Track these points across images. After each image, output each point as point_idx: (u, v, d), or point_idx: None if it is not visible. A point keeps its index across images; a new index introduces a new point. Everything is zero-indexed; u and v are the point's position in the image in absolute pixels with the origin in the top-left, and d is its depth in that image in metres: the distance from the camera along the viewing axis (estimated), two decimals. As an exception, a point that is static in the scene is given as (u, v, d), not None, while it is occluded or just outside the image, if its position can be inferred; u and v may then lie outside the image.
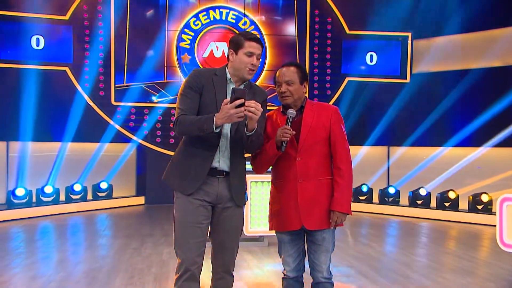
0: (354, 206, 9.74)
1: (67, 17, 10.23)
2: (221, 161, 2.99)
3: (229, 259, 3.09)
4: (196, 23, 10.84)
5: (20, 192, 8.74)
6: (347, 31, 11.08)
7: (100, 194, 9.97)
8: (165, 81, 10.62)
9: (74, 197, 9.53)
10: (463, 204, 8.81)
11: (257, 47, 2.99)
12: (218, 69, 3.08)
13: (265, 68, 10.93)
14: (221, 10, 10.93)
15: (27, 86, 9.87)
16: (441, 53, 10.50)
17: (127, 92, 10.57)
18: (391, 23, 10.77)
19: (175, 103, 3.02)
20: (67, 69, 10.24)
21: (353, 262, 5.70)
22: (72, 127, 10.16)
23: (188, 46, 10.81)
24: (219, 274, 3.09)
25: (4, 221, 8.19)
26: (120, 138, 10.47)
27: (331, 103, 10.99)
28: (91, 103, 10.33)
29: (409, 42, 11.00)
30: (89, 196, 9.85)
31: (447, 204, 9.04)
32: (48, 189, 9.14)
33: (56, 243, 6.85)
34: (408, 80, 11.00)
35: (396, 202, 9.75)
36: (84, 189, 9.68)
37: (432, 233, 7.94)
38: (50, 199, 9.18)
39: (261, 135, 3.02)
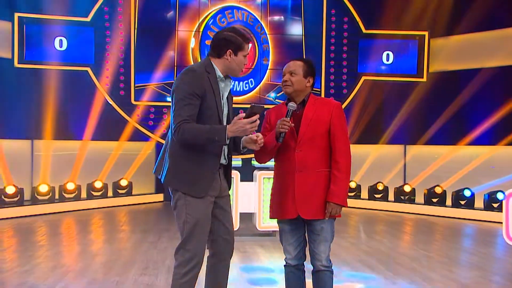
0: (369, 204, 9.94)
1: (89, 19, 10.41)
2: (224, 156, 3.11)
3: (231, 244, 3.18)
4: (222, 20, 10.97)
5: (43, 188, 8.99)
6: (364, 31, 11.08)
7: (120, 191, 10.15)
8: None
9: (95, 194, 9.74)
10: (479, 203, 8.79)
11: (248, 50, 3.13)
12: (206, 65, 3.05)
13: (269, 67, 11.08)
14: (243, 12, 11.07)
15: (51, 86, 10.06)
16: (458, 52, 10.45)
17: (147, 92, 10.77)
18: (407, 22, 10.74)
19: None
20: (88, 69, 10.43)
21: (362, 256, 5.83)
22: (93, 125, 10.35)
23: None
24: (217, 258, 3.15)
25: (28, 216, 8.45)
26: (139, 137, 10.67)
27: (347, 102, 11.12)
28: (112, 102, 10.54)
29: (426, 40, 10.93)
30: (110, 193, 10.03)
31: (462, 202, 9.02)
32: (70, 186, 9.36)
33: (77, 237, 7.14)
34: (424, 79, 10.94)
35: (411, 200, 9.76)
36: (105, 186, 9.87)
37: (445, 231, 7.96)
38: (72, 195, 9.40)
39: None
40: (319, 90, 11.15)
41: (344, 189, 3.22)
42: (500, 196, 8.50)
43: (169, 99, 10.55)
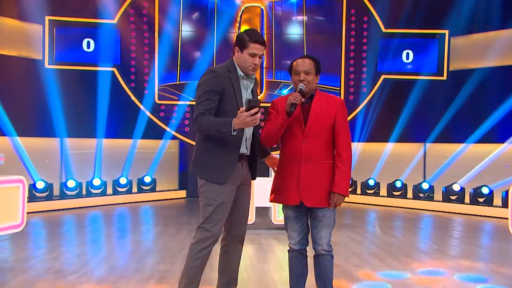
0: (387, 201, 9.99)
1: (115, 21, 10.75)
2: (246, 146, 3.33)
3: (244, 228, 3.46)
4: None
5: (71, 184, 9.28)
6: (383, 30, 11.17)
7: (144, 188, 10.37)
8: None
9: (120, 189, 9.99)
10: (498, 200, 8.74)
11: (260, 48, 3.24)
12: (228, 65, 3.32)
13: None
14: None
15: (79, 86, 10.39)
16: (479, 50, 10.39)
17: (170, 91, 11.03)
18: (428, 20, 10.78)
19: None
20: (114, 69, 10.75)
21: (372, 248, 5.97)
22: (118, 124, 10.65)
23: None
24: (231, 242, 3.42)
25: (57, 210, 8.76)
26: (163, 135, 10.91)
27: (366, 100, 11.22)
28: (136, 102, 10.83)
29: (446, 39, 10.93)
30: (134, 189, 10.27)
31: (480, 200, 9.02)
32: (96, 182, 9.65)
33: (102, 229, 7.41)
34: (445, 78, 10.96)
35: (430, 198, 9.81)
36: (129, 183, 10.13)
37: (460, 227, 7.98)
38: (98, 191, 9.67)
39: None
40: (338, 88, 11.28)
41: (347, 181, 3.39)
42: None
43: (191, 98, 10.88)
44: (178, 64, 11.11)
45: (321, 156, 3.38)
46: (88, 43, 10.70)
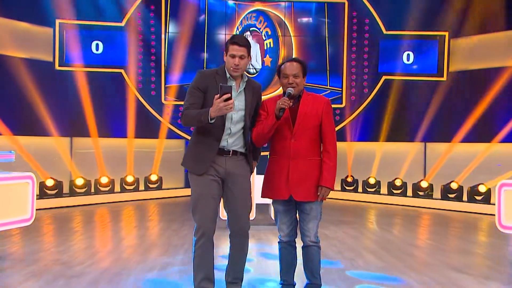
0: (388, 199, 10.09)
1: (123, 24, 10.84)
2: (229, 142, 3.45)
3: (243, 225, 3.55)
4: (238, 28, 11.34)
5: (79, 182, 9.37)
6: (384, 32, 11.20)
7: (150, 186, 10.46)
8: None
9: (127, 187, 10.09)
10: (494, 198, 8.80)
11: (237, 49, 3.37)
12: (219, 69, 3.50)
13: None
14: (250, 16, 11.36)
15: (88, 87, 10.43)
16: (478, 51, 10.44)
17: (175, 92, 11.14)
18: (428, 22, 10.82)
19: None
20: (122, 71, 10.84)
21: (367, 243, 6.07)
22: (125, 124, 10.73)
23: None
24: (235, 235, 3.57)
25: (66, 206, 8.90)
26: (169, 134, 11.03)
27: (367, 101, 11.30)
28: (143, 102, 10.94)
29: (446, 41, 10.95)
30: (141, 187, 10.33)
31: (478, 198, 9.10)
32: (104, 180, 9.76)
33: (108, 225, 7.51)
34: (445, 78, 10.97)
35: (429, 195, 9.88)
36: (136, 181, 10.22)
37: (456, 224, 8.01)
38: (106, 189, 9.77)
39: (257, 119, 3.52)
40: (340, 89, 11.39)
41: (334, 175, 3.53)
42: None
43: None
44: (204, 66, 11.23)
45: (309, 153, 3.51)
46: (97, 45, 10.79)
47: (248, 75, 3.62)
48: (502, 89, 9.94)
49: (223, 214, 3.82)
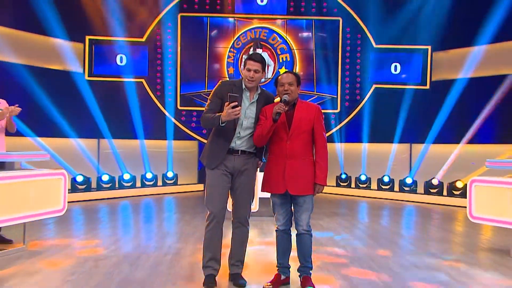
0: (377, 193, 10.13)
1: (144, 39, 10.93)
2: (237, 144, 3.57)
3: (244, 212, 3.69)
4: (238, 43, 11.35)
5: (105, 178, 9.46)
6: (374, 45, 11.22)
7: (168, 181, 10.50)
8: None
9: (147, 183, 10.14)
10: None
11: (253, 64, 3.52)
12: (237, 81, 3.64)
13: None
14: (255, 30, 11.37)
15: (113, 95, 10.60)
16: (457, 63, 10.44)
17: (190, 99, 11.21)
18: (413, 37, 10.84)
19: None
20: (143, 80, 10.94)
21: (357, 232, 6.11)
22: (146, 127, 10.79)
23: (233, 61, 11.33)
24: (237, 224, 3.71)
25: (94, 199, 8.98)
26: (184, 136, 11.09)
27: (360, 106, 11.33)
28: (161, 108, 11.01)
29: (429, 54, 10.98)
30: (159, 183, 10.37)
31: (456, 192, 9.13)
32: (126, 176, 9.82)
33: (130, 216, 7.58)
34: (428, 87, 11.00)
35: (413, 190, 9.92)
36: (155, 177, 10.26)
37: (436, 215, 8.01)
38: (128, 184, 9.81)
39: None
40: (335, 96, 11.45)
41: (326, 173, 3.59)
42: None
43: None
44: (206, 74, 11.24)
45: (302, 153, 3.56)
46: (121, 58, 10.88)
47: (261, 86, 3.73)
48: (475, 96, 10.00)
49: (229, 206, 3.92)
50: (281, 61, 11.41)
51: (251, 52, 9.65)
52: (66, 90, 10.01)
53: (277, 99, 3.69)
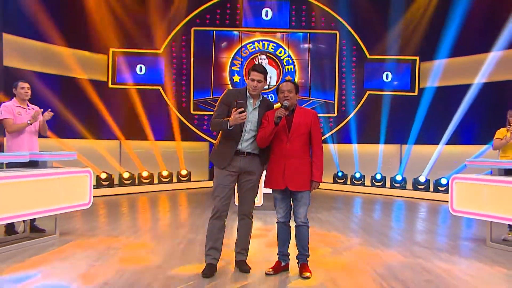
0: (370, 189, 10.12)
1: (161, 51, 10.98)
2: (243, 146, 3.60)
3: (248, 207, 3.73)
4: (244, 51, 11.36)
5: (126, 175, 9.53)
6: (368, 56, 11.21)
7: (181, 178, 10.49)
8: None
9: (163, 180, 10.14)
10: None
11: (256, 74, 3.57)
12: (242, 89, 3.67)
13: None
14: (263, 42, 11.38)
15: (133, 101, 10.62)
16: (442, 72, 10.45)
17: (201, 104, 11.24)
18: (403, 49, 10.84)
19: None
20: (160, 88, 10.99)
21: (351, 225, 6.14)
22: (162, 129, 10.85)
23: (238, 69, 11.34)
24: (242, 216, 3.76)
25: (116, 194, 9.06)
26: (196, 138, 11.12)
27: (355, 110, 11.34)
28: (176, 112, 11.06)
29: (417, 63, 10.96)
30: (174, 180, 10.36)
31: (441, 188, 9.14)
32: (145, 174, 9.80)
33: (148, 209, 7.53)
34: (416, 93, 10.97)
35: (403, 187, 9.92)
36: (170, 175, 10.24)
37: (423, 209, 8.03)
38: (146, 181, 9.76)
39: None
40: (333, 101, 11.47)
41: (322, 172, 3.63)
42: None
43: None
44: (211, 82, 11.28)
45: (301, 154, 3.61)
46: (141, 67, 10.92)
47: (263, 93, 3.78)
48: (458, 102, 9.95)
49: (236, 201, 3.99)
50: (286, 71, 11.44)
51: (256, 62, 9.71)
52: (92, 97, 10.07)
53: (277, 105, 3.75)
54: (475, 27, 9.58)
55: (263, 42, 11.41)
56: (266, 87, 11.23)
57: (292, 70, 11.46)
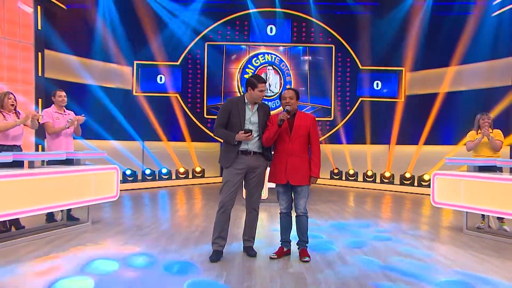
0: (362, 184, 10.10)
1: (178, 63, 11.01)
2: (249, 146, 3.61)
3: (255, 201, 3.74)
4: (256, 61, 11.37)
5: (148, 172, 9.61)
6: (360, 67, 11.17)
7: (196, 174, 10.53)
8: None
9: (180, 175, 10.19)
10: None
11: (263, 86, 3.61)
12: (240, 97, 3.67)
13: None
14: (272, 55, 11.40)
15: (154, 107, 10.70)
16: (425, 82, 10.43)
17: (214, 109, 11.27)
18: (391, 61, 10.82)
19: None
20: (178, 95, 11.03)
21: (345, 215, 6.13)
22: (180, 131, 10.90)
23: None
24: (249, 210, 3.77)
25: (139, 188, 9.12)
26: (209, 139, 11.09)
27: (349, 115, 11.29)
28: (192, 117, 11.10)
29: (403, 74, 10.93)
30: (190, 176, 10.43)
31: (424, 183, 9.11)
32: (164, 170, 9.91)
33: (167, 201, 7.58)
34: (402, 100, 10.94)
35: (391, 182, 9.89)
36: (186, 171, 10.30)
37: (409, 202, 7.97)
38: (166, 177, 9.89)
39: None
40: (329, 107, 11.47)
41: (319, 168, 3.65)
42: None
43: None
44: (223, 89, 11.28)
45: (301, 152, 3.64)
46: (161, 77, 10.96)
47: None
48: (439, 108, 9.97)
49: (244, 195, 4.02)
50: (287, 80, 11.47)
51: (262, 74, 9.72)
52: (118, 103, 10.16)
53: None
54: (452, 42, 9.66)
55: (272, 55, 11.42)
56: (271, 93, 11.30)
57: (292, 79, 11.45)
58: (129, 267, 3.43)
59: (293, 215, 3.76)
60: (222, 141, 3.72)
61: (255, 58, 11.40)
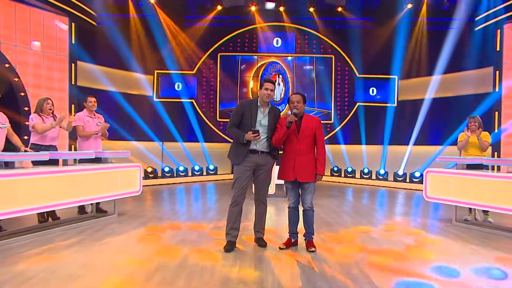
0: (359, 181, 10.00)
1: (194, 71, 10.98)
2: (258, 146, 3.56)
3: (263, 195, 3.69)
4: (270, 69, 11.25)
5: (167, 169, 9.54)
6: (357, 75, 11.10)
7: (210, 172, 10.46)
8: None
9: (195, 173, 10.13)
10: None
11: (269, 86, 3.55)
12: (253, 99, 3.62)
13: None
14: (282, 65, 11.27)
15: (172, 111, 10.66)
16: (416, 88, 10.33)
17: (227, 113, 11.23)
18: (385, 69, 10.73)
19: None
20: (193, 101, 11.01)
21: (345, 209, 6.08)
22: (195, 133, 10.81)
23: None
24: (258, 203, 3.72)
25: (159, 184, 9.09)
26: (221, 140, 11.03)
27: (348, 118, 11.19)
28: (206, 120, 11.08)
29: (396, 81, 10.84)
30: (204, 173, 10.37)
31: (415, 180, 9.01)
32: (181, 168, 9.83)
33: (184, 196, 7.56)
34: (395, 105, 10.85)
35: (385, 179, 9.80)
36: (201, 169, 10.23)
37: (401, 196, 7.85)
38: (182, 173, 9.81)
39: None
40: (330, 111, 11.40)
41: (324, 166, 3.58)
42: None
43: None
44: (237, 94, 11.26)
45: (307, 152, 3.58)
46: (178, 85, 10.92)
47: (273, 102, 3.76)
48: (431, 111, 9.85)
49: (253, 190, 3.98)
50: (290, 87, 11.41)
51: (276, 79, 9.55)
52: (140, 108, 10.17)
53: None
54: (444, 53, 9.56)
55: (281, 65, 11.35)
56: (276, 98, 11.24)
57: (295, 85, 11.40)
58: (151, 257, 3.39)
59: (300, 209, 3.70)
60: (231, 140, 3.68)
61: (270, 67, 11.34)
